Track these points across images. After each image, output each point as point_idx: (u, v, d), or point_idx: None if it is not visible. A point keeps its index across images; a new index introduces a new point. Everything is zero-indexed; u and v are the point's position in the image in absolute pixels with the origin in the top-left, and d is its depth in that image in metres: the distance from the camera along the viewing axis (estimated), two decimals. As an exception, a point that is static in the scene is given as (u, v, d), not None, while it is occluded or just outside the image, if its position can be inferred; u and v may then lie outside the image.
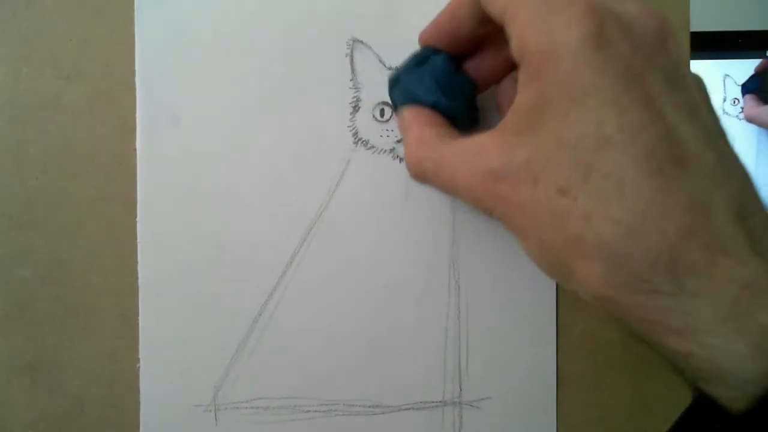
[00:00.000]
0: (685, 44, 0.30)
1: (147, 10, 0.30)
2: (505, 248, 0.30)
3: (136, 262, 0.30)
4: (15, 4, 0.30)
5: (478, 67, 0.27)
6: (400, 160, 0.30)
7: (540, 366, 0.31)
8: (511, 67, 0.26)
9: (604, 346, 0.31)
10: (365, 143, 0.30)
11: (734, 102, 0.74)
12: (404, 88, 0.26)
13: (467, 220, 0.30)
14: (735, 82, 0.73)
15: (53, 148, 0.30)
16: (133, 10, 0.30)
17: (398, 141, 0.30)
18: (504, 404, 0.30)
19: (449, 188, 0.23)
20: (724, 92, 0.74)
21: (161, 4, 0.30)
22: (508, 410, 0.30)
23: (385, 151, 0.30)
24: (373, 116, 0.30)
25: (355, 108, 0.30)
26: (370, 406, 0.30)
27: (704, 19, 0.24)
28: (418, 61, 0.26)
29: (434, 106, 0.25)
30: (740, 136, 0.75)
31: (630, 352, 0.31)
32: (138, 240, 0.30)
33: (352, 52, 0.30)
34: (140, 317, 0.30)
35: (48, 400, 0.30)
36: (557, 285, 0.31)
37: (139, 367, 0.30)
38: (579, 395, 0.31)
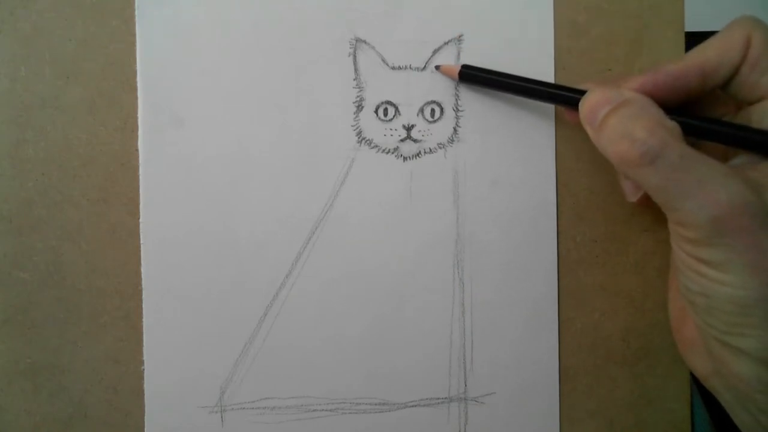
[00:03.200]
0: (681, 45, 0.31)
1: (148, 9, 0.30)
2: (508, 246, 0.31)
3: (139, 264, 0.30)
4: (12, 2, 0.29)
5: None
6: (404, 158, 0.31)
7: (543, 361, 0.31)
8: None
9: (605, 340, 0.31)
10: (369, 142, 0.30)
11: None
12: None
13: (471, 217, 0.31)
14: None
15: (53, 149, 0.30)
16: (133, 10, 0.30)
17: (401, 140, 0.30)
18: (508, 399, 0.31)
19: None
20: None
21: (162, 4, 0.30)
22: (513, 405, 0.31)
23: (389, 150, 0.30)
24: (377, 115, 0.30)
25: (359, 107, 0.30)
26: (376, 404, 0.31)
27: (703, 20, 0.25)
28: None
29: None
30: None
31: (630, 346, 0.31)
32: (141, 241, 0.30)
33: (355, 51, 0.30)
34: (144, 319, 0.30)
35: (50, 405, 0.30)
36: (558, 282, 0.31)
37: (143, 369, 0.30)
38: (581, 389, 0.31)
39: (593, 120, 0.25)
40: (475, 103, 0.31)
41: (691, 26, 0.30)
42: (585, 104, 0.26)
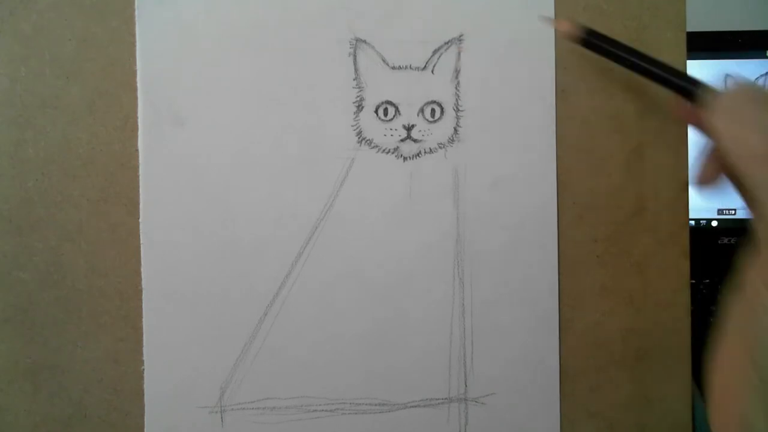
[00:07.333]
0: (681, 45, 0.31)
1: (148, 9, 0.30)
2: (508, 247, 0.31)
3: (139, 264, 0.30)
4: (12, 2, 0.29)
5: None
6: (404, 158, 0.31)
7: (543, 362, 0.31)
8: None
9: (605, 340, 0.31)
10: (369, 142, 0.30)
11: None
12: None
13: (471, 218, 0.31)
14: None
15: (53, 149, 0.30)
16: (133, 10, 0.30)
17: (402, 140, 0.30)
18: (508, 400, 0.31)
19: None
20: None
21: (162, 4, 0.30)
22: (513, 406, 0.31)
23: (389, 149, 0.30)
24: (377, 115, 0.30)
25: (359, 107, 0.30)
26: (376, 404, 0.31)
27: (704, 19, 0.25)
28: None
29: None
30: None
31: (630, 347, 0.31)
32: (141, 241, 0.30)
33: (355, 51, 0.30)
34: (144, 319, 0.30)
35: (50, 405, 0.30)
36: (559, 282, 0.31)
37: (143, 369, 0.30)
38: (581, 390, 0.31)
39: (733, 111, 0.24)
40: (476, 103, 0.31)
41: (691, 26, 0.30)
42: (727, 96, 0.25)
